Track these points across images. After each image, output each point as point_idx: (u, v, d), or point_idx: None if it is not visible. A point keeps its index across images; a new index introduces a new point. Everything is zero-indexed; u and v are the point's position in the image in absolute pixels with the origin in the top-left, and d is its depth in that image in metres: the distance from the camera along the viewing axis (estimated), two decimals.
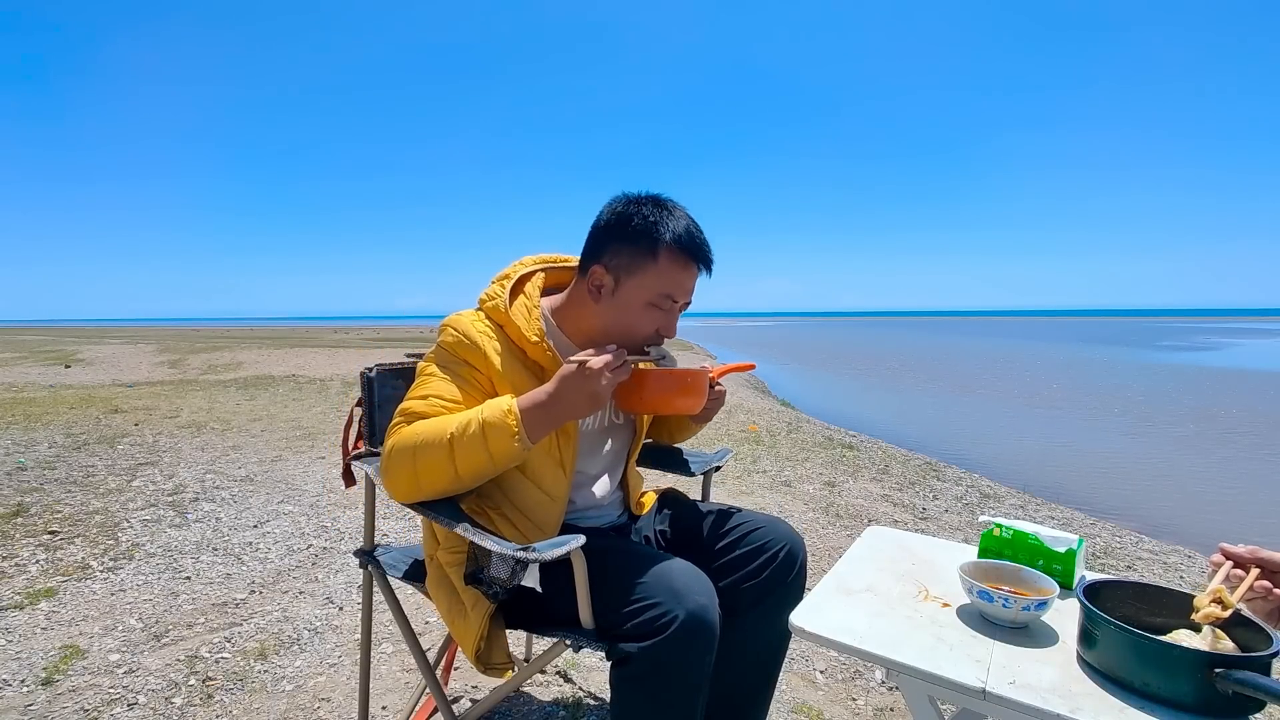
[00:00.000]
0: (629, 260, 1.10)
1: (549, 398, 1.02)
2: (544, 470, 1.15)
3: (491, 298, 1.18)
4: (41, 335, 31.62)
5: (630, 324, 1.14)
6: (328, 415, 6.36)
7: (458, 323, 1.15)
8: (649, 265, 1.10)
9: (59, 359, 14.21)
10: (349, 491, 3.50)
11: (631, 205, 1.12)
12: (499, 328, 1.15)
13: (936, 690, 0.82)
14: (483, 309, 1.18)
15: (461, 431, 0.99)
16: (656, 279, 1.10)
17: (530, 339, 1.12)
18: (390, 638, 2.05)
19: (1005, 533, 1.11)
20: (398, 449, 1.02)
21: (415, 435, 1.01)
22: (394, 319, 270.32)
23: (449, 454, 0.99)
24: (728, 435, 5.88)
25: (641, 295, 1.11)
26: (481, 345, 1.11)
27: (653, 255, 1.09)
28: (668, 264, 1.10)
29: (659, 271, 1.10)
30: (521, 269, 1.24)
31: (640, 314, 1.13)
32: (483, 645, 1.08)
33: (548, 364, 1.14)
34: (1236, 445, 7.58)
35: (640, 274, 1.10)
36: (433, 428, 1.01)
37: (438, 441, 0.99)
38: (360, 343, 23.37)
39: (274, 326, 66.07)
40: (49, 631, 2.04)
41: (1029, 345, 31.45)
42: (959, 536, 3.37)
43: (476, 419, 0.99)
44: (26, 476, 3.78)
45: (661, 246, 1.09)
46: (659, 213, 1.10)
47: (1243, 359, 22.56)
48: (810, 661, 2.00)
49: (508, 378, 1.11)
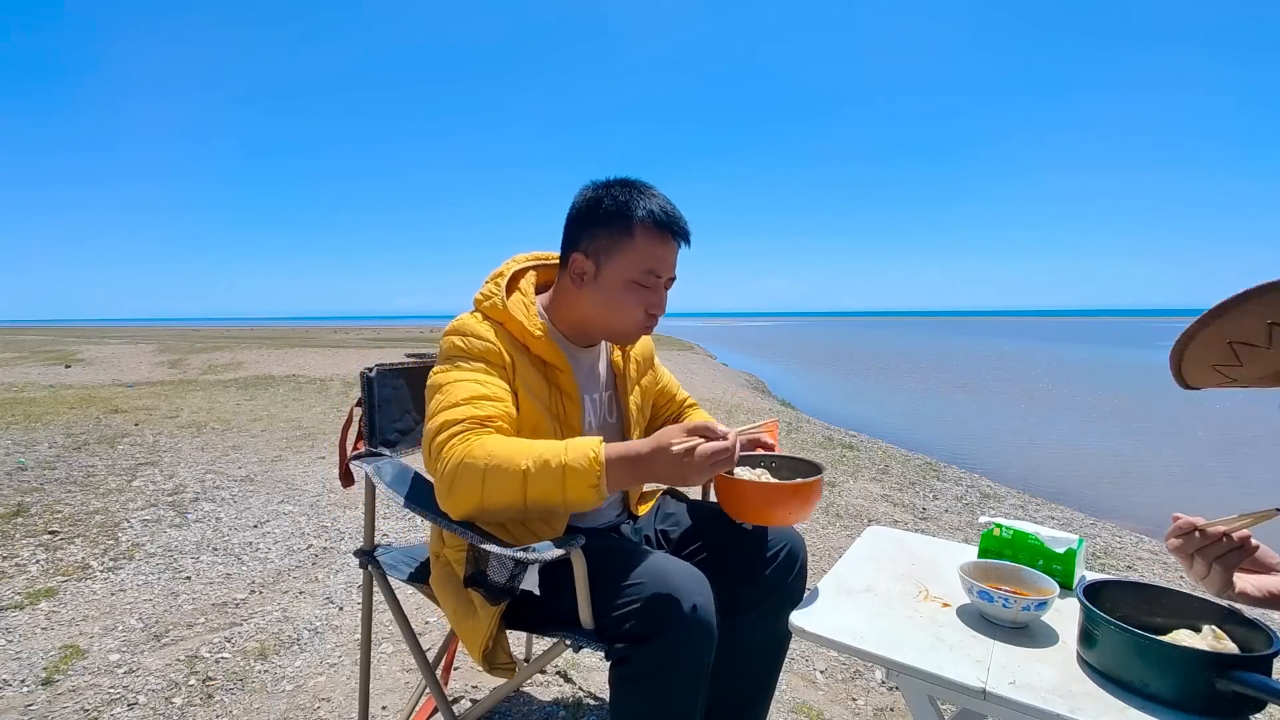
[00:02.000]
0: (606, 242, 1.11)
1: (639, 459, 0.95)
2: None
3: (488, 296, 1.16)
4: (41, 335, 31.63)
5: (617, 306, 1.14)
6: (328, 415, 6.36)
7: (465, 327, 1.12)
8: (626, 244, 1.10)
9: (59, 359, 14.21)
10: (349, 491, 3.50)
11: (601, 189, 1.13)
12: (499, 325, 1.14)
13: (936, 690, 0.82)
14: (480, 309, 1.17)
15: (538, 467, 0.93)
16: (635, 256, 1.11)
17: (534, 334, 1.12)
18: (390, 638, 2.05)
19: (1005, 533, 1.11)
20: (467, 467, 0.95)
21: (488, 456, 0.95)
22: (394, 319, 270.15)
23: (521, 485, 0.94)
24: None
25: (623, 275, 1.12)
26: (496, 343, 1.10)
27: (629, 234, 1.10)
28: (644, 240, 1.10)
29: (636, 248, 1.10)
30: (515, 266, 1.23)
31: (625, 294, 1.13)
32: (490, 645, 1.08)
33: (552, 358, 1.14)
34: (1236, 445, 7.58)
35: (619, 254, 1.11)
36: (506, 452, 0.95)
37: (510, 469, 0.94)
38: (360, 343, 23.37)
39: (274, 326, 66.08)
40: (49, 631, 2.04)
41: (1028, 345, 31.44)
42: (959, 536, 3.37)
43: (557, 458, 0.93)
44: (26, 476, 3.78)
45: (636, 223, 1.09)
46: (629, 192, 1.11)
47: None
48: (810, 661, 2.00)
49: (520, 375, 1.11)
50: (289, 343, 22.02)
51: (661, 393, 1.44)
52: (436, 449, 1.00)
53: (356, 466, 1.31)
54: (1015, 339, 39.07)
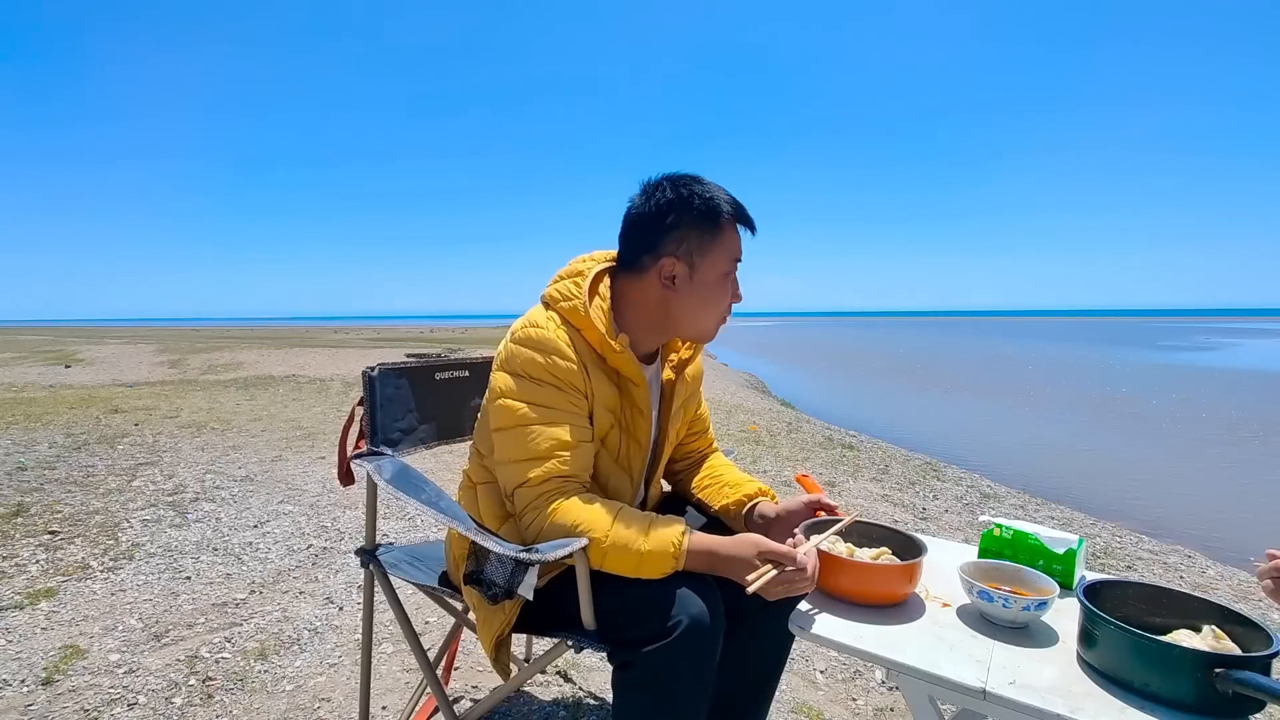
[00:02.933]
0: (698, 241, 1.10)
1: (721, 560, 0.98)
2: (610, 477, 1.16)
3: (568, 298, 1.09)
4: (41, 335, 31.62)
5: (711, 302, 1.14)
6: (328, 415, 6.36)
7: (546, 341, 1.06)
8: (716, 240, 1.11)
9: (59, 359, 14.21)
10: (349, 491, 3.51)
11: (682, 188, 1.10)
12: (576, 331, 1.09)
13: (936, 690, 0.82)
14: (557, 310, 1.10)
15: (618, 547, 0.97)
16: (724, 250, 1.12)
17: (615, 348, 1.08)
18: (390, 638, 2.05)
19: (1005, 533, 1.11)
20: (554, 527, 0.99)
21: (575, 524, 0.98)
22: (394, 319, 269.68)
23: (600, 553, 0.97)
24: (728, 435, 5.88)
25: (717, 270, 1.12)
26: (578, 361, 1.06)
27: (717, 228, 1.10)
28: (730, 232, 1.12)
29: (724, 242, 1.12)
30: (595, 266, 1.15)
31: (718, 289, 1.13)
32: (506, 634, 1.09)
33: (629, 372, 1.11)
34: (1236, 445, 7.58)
35: (712, 250, 1.11)
36: (589, 521, 0.98)
37: (593, 537, 0.97)
38: (360, 343, 23.37)
39: (274, 326, 66.06)
40: (49, 631, 2.04)
41: (1029, 345, 31.45)
42: (959, 536, 3.37)
43: (637, 546, 0.96)
44: (26, 476, 3.78)
45: (723, 219, 1.10)
46: (707, 188, 1.11)
47: (1242, 359, 22.56)
48: (810, 661, 2.00)
49: (593, 385, 1.09)
50: (289, 343, 22.02)
51: (697, 419, 1.41)
52: (521, 503, 1.04)
53: (358, 465, 1.31)
54: (1015, 339, 39.10)
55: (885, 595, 0.98)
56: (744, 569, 0.96)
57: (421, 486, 1.15)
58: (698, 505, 1.36)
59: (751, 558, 0.96)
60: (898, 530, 1.11)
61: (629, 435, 1.16)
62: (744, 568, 0.96)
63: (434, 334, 35.21)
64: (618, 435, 1.15)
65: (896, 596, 0.99)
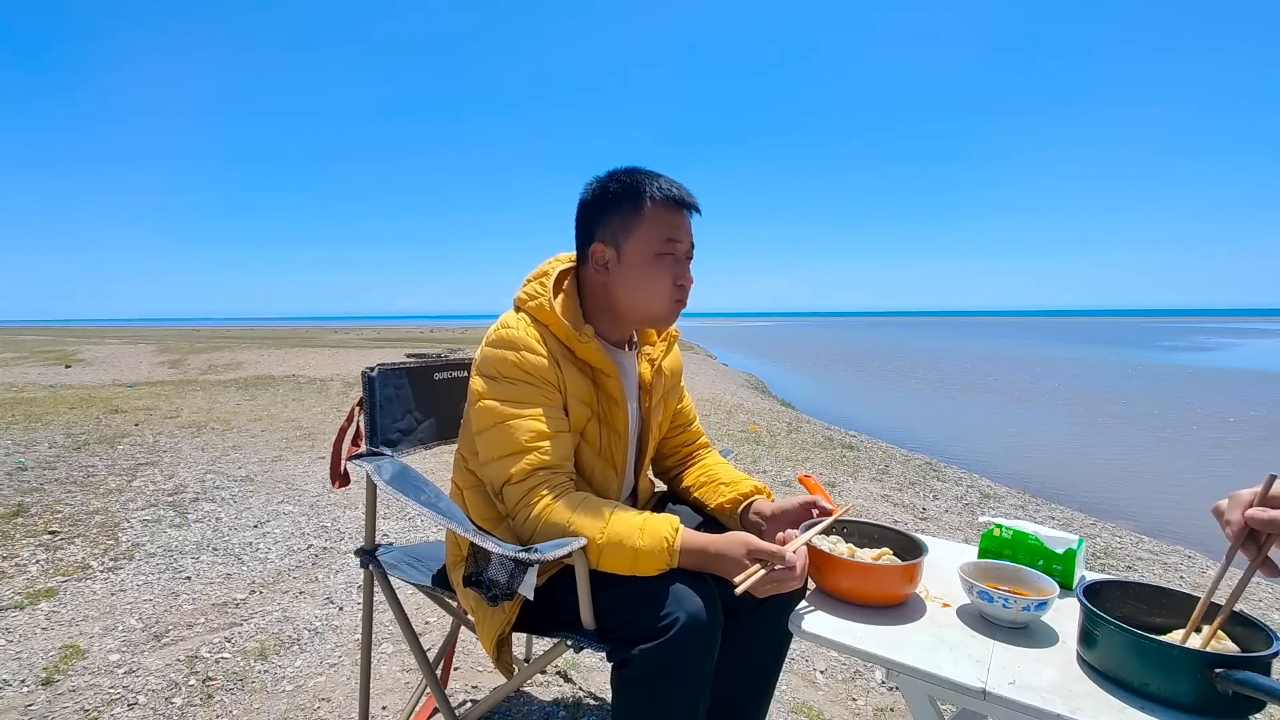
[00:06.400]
0: (621, 224, 1.12)
1: (711, 557, 0.99)
2: (594, 469, 1.17)
3: (533, 297, 1.14)
4: (41, 335, 31.62)
5: (645, 283, 1.13)
6: (328, 415, 6.36)
7: (517, 339, 1.09)
8: (640, 220, 1.11)
9: (59, 359, 14.21)
10: (349, 491, 3.51)
11: (606, 178, 1.14)
12: (545, 329, 1.12)
13: (936, 690, 0.82)
14: (525, 310, 1.14)
15: (613, 545, 0.97)
16: (652, 228, 1.12)
17: (580, 340, 1.11)
18: (390, 638, 2.05)
19: (1005, 533, 1.11)
20: (548, 525, 1.00)
21: (569, 523, 0.99)
22: (394, 319, 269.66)
23: (596, 551, 0.98)
24: (728, 435, 5.88)
25: (644, 249, 1.12)
26: (549, 355, 1.09)
27: (640, 210, 1.11)
28: (656, 212, 1.12)
29: (651, 221, 1.12)
30: (559, 265, 1.20)
31: (651, 269, 1.13)
32: (506, 633, 1.09)
33: (599, 363, 1.13)
34: (1236, 445, 7.58)
35: (636, 231, 1.12)
36: (583, 520, 0.99)
37: (587, 535, 0.98)
38: (360, 343, 23.36)
39: (274, 326, 66.07)
40: (49, 631, 2.04)
41: (1028, 345, 31.45)
42: (959, 536, 3.37)
43: (632, 543, 0.97)
44: (26, 476, 3.78)
45: (645, 199, 1.11)
46: (634, 175, 1.13)
47: (1242, 359, 22.56)
48: (810, 661, 2.00)
49: (566, 379, 1.11)
50: (289, 343, 22.02)
51: (680, 413, 1.41)
52: (510, 502, 1.05)
53: (357, 465, 1.31)
54: (1015, 339, 39.10)
55: (886, 595, 0.98)
56: (733, 567, 0.96)
57: (421, 487, 1.14)
58: (694, 504, 1.36)
59: (741, 556, 0.97)
60: (898, 530, 1.11)
61: (607, 426, 1.17)
62: (733, 566, 0.97)
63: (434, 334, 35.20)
64: (596, 427, 1.16)
65: (897, 597, 0.99)
